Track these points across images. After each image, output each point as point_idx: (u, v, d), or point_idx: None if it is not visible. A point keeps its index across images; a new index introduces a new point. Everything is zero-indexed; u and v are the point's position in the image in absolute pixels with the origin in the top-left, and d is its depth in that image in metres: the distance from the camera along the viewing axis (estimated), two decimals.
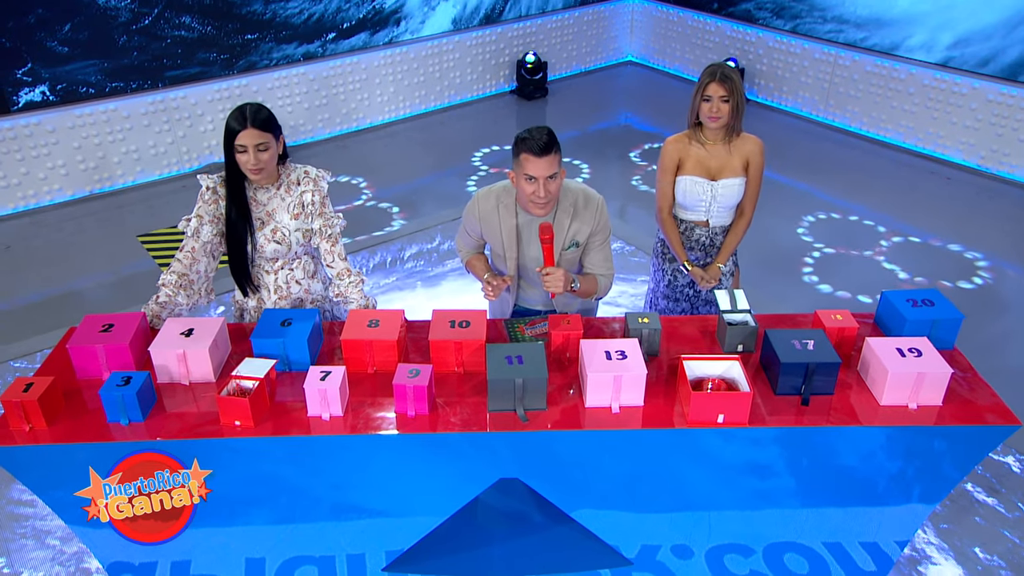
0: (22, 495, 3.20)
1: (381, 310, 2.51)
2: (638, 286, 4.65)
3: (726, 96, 2.91)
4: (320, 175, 2.64)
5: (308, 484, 2.34)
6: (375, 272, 4.86)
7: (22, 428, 2.14)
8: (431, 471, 2.28)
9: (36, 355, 4.06)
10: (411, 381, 2.18)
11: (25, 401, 2.11)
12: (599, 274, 2.73)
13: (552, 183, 2.50)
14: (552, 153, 2.46)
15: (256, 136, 2.43)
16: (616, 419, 2.18)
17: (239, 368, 2.26)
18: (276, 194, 2.61)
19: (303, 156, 6.45)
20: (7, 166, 5.46)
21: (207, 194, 2.58)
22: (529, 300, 2.89)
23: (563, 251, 2.66)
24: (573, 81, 8.18)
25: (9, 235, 5.32)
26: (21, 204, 5.60)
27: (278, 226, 2.60)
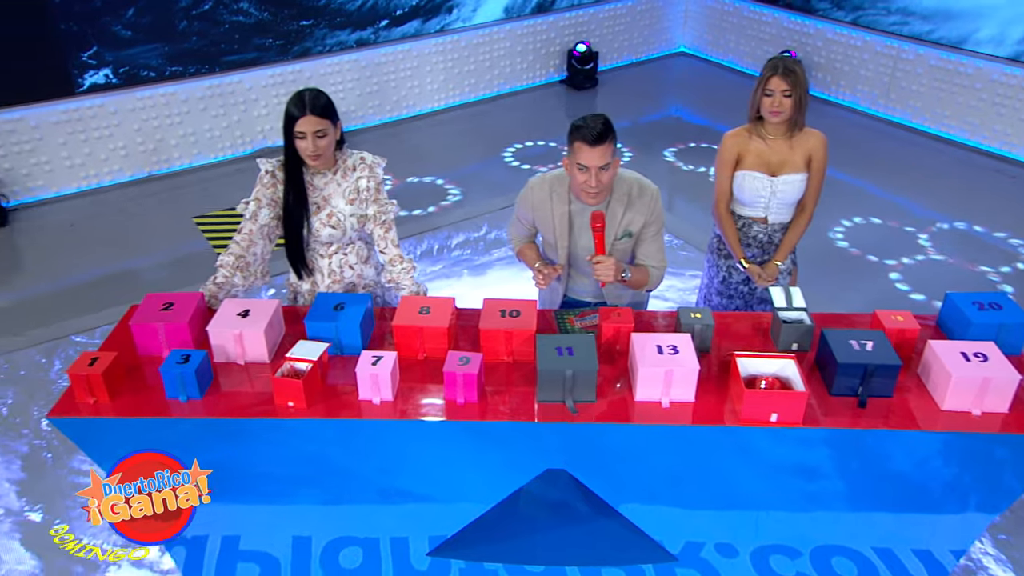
0: (82, 464, 3.33)
1: (432, 297, 2.53)
2: (687, 280, 4.60)
3: (788, 90, 2.85)
4: (376, 161, 2.66)
5: (355, 466, 2.38)
6: (422, 259, 4.90)
7: (87, 401, 2.22)
8: (478, 459, 2.30)
9: (96, 331, 4.19)
10: (461, 369, 2.20)
11: (90, 375, 2.18)
12: (651, 265, 2.70)
13: (604, 173, 2.48)
14: (605, 143, 2.44)
15: (315, 123, 2.46)
16: (666, 414, 2.16)
17: (293, 350, 2.30)
18: (332, 179, 2.64)
19: (353, 143, 6.45)
20: (71, 147, 5.64)
21: (266, 178, 2.63)
22: (579, 290, 2.88)
23: (616, 241, 2.64)
24: (624, 72, 8.09)
25: (73, 214, 5.50)
26: (84, 184, 5.78)
27: (333, 211, 2.63)
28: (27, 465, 3.35)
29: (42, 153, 5.54)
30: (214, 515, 2.48)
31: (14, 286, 4.77)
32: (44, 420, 3.59)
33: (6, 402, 3.72)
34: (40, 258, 5.02)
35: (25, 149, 5.48)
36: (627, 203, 2.61)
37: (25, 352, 4.05)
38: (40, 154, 5.54)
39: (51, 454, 3.41)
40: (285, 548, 2.55)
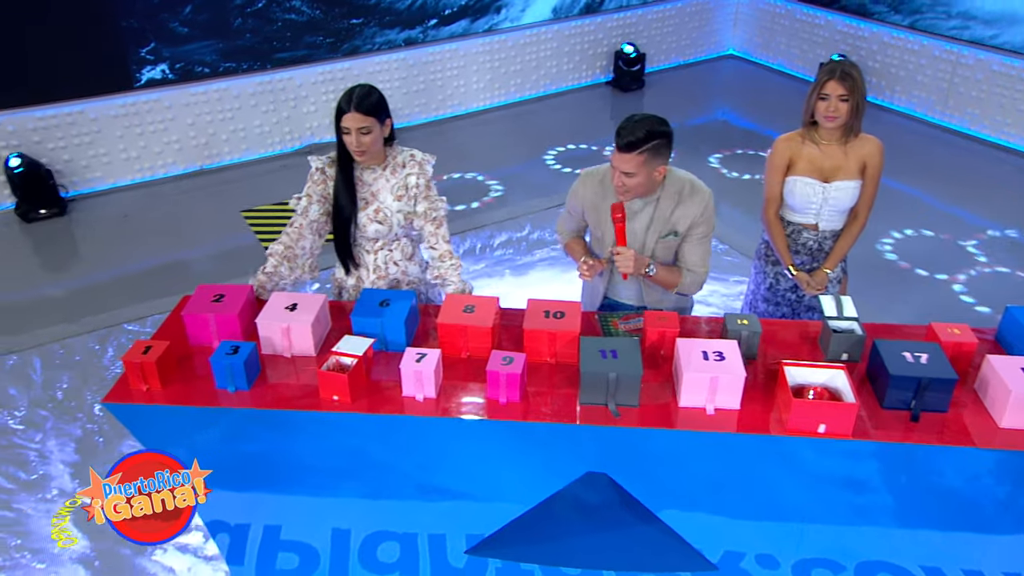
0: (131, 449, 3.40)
1: (476, 296, 2.54)
2: (731, 286, 4.54)
3: (845, 95, 2.79)
4: (425, 159, 2.68)
5: (395, 462, 2.39)
6: (465, 258, 4.92)
7: (140, 388, 2.28)
8: (518, 459, 2.30)
9: (147, 319, 4.30)
10: (504, 368, 2.20)
11: (144, 363, 2.24)
12: (688, 269, 2.65)
13: (629, 179, 2.46)
14: (634, 152, 2.41)
15: (358, 120, 2.48)
16: (710, 421, 2.13)
17: (339, 345, 2.32)
18: (382, 175, 2.66)
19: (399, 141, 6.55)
20: (128, 140, 5.80)
21: (316, 175, 2.66)
22: (619, 291, 2.85)
23: (660, 238, 2.61)
24: (671, 73, 8.02)
25: (127, 205, 5.65)
26: (138, 176, 5.93)
27: (381, 206, 2.65)
28: (80, 448, 3.46)
29: (100, 145, 5.71)
30: (257, 504, 2.54)
31: (72, 273, 4.92)
32: (97, 405, 3.70)
33: (62, 386, 3.84)
34: (95, 247, 5.17)
35: (84, 141, 5.65)
36: (677, 202, 2.58)
37: (80, 339, 4.18)
38: (98, 146, 5.71)
39: (103, 438, 3.51)
40: (325, 540, 2.59)
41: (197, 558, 2.97)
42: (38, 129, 5.48)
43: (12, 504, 3.18)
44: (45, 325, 4.31)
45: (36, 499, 3.21)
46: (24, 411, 3.68)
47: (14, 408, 3.70)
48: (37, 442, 3.50)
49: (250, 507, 2.56)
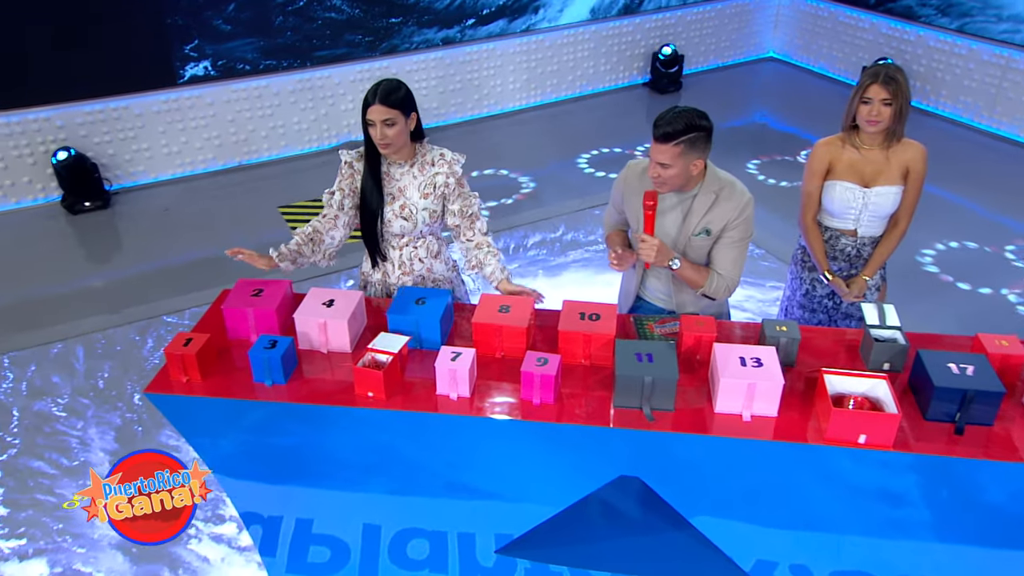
0: (169, 439, 3.49)
1: (511, 296, 2.55)
2: (767, 291, 4.48)
3: (889, 99, 2.73)
4: (455, 158, 2.68)
5: (426, 459, 2.40)
6: None
7: (180, 379, 2.32)
8: (550, 461, 2.29)
9: (185, 312, 4.38)
10: (539, 369, 2.20)
11: (185, 355, 2.28)
12: (717, 272, 2.60)
13: (665, 171, 2.44)
14: (671, 144, 2.39)
15: (382, 112, 2.49)
16: (747, 427, 2.11)
17: (375, 342, 2.34)
18: (409, 171, 2.67)
19: (434, 139, 6.55)
20: (170, 135, 5.91)
21: (345, 169, 2.70)
22: (651, 290, 2.82)
23: (692, 236, 2.57)
24: (709, 76, 7.94)
25: (168, 199, 5.77)
26: (179, 171, 6.05)
27: (407, 203, 2.66)
28: (120, 436, 3.54)
29: (143, 140, 5.83)
30: (290, 497, 2.57)
31: (114, 265, 5.03)
32: (136, 395, 3.78)
33: (103, 375, 3.93)
34: (137, 240, 5.28)
35: (129, 136, 5.77)
36: (713, 201, 2.54)
37: (121, 329, 4.27)
38: (141, 141, 5.83)
39: (141, 428, 3.59)
40: (356, 535, 2.61)
41: (231, 548, 3.02)
42: (85, 124, 5.61)
43: (55, 489, 3.26)
44: (88, 315, 4.41)
45: (77, 485, 3.28)
46: (67, 399, 3.77)
47: (57, 396, 3.79)
48: (79, 429, 3.59)
49: (283, 500, 2.59)
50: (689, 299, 2.73)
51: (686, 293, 2.71)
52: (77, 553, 2.98)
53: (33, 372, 3.95)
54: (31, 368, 3.98)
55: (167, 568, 2.93)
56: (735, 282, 2.62)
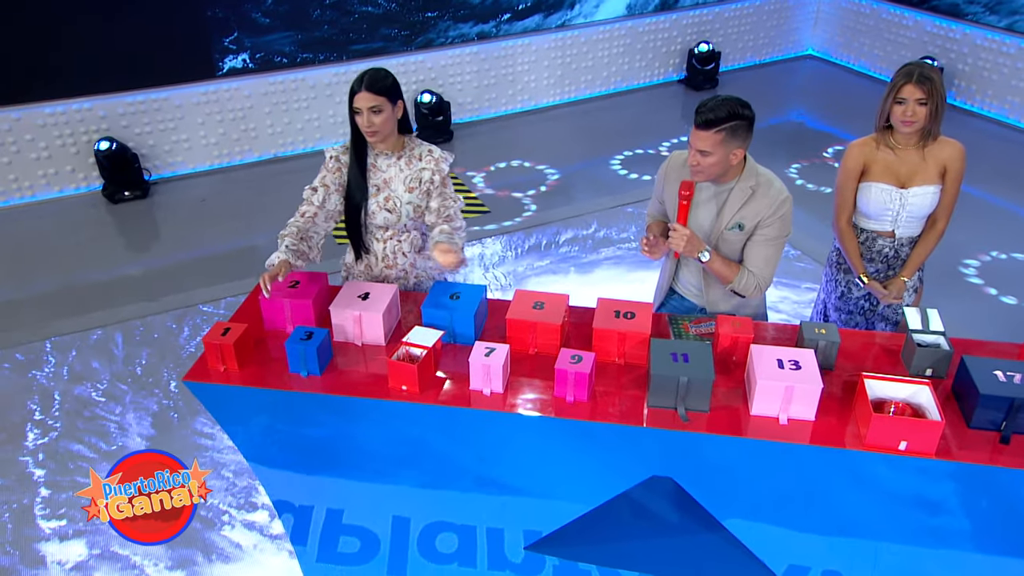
0: (203, 427, 3.54)
1: (546, 293, 2.54)
2: (802, 292, 4.42)
3: (924, 99, 2.66)
4: (443, 156, 2.66)
5: (457, 453, 2.41)
6: (529, 254, 4.93)
7: (218, 368, 2.35)
8: (582, 459, 2.29)
9: (221, 301, 4.44)
10: (573, 367, 2.19)
11: (223, 344, 2.31)
12: (749, 269, 2.55)
13: (704, 159, 2.40)
14: (712, 131, 2.35)
15: (369, 99, 2.48)
16: (783, 431, 2.08)
17: (409, 335, 2.36)
18: (396, 164, 2.65)
19: (467, 134, 6.62)
20: (208, 126, 5.99)
21: (331, 163, 2.67)
22: (684, 283, 2.79)
23: (726, 230, 2.54)
24: (746, 73, 7.84)
25: (205, 189, 5.85)
26: (216, 162, 6.13)
27: (392, 195, 2.64)
28: (156, 423, 3.60)
29: (183, 131, 5.92)
30: (321, 487, 2.60)
31: (152, 254, 5.12)
32: (172, 382, 3.84)
33: (141, 362, 4.00)
34: (175, 229, 5.37)
35: (169, 127, 5.86)
36: (748, 195, 2.50)
37: (159, 317, 4.35)
38: (181, 132, 5.91)
39: (177, 414, 3.65)
40: (385, 526, 2.63)
41: (263, 536, 3.05)
42: (126, 114, 5.71)
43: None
44: (126, 303, 4.49)
45: None
46: (106, 384, 3.85)
47: (97, 381, 3.87)
48: (117, 415, 3.65)
49: (315, 489, 2.61)
50: (719, 295, 2.68)
51: (716, 288, 2.67)
52: (114, 536, 3.04)
53: (74, 357, 4.04)
54: (72, 353, 4.07)
55: (200, 553, 2.98)
56: (767, 281, 2.57)
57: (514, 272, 4.73)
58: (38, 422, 3.62)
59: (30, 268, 4.86)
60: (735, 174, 2.51)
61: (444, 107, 6.44)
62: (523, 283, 4.59)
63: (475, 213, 5.43)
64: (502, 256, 4.91)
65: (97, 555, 2.98)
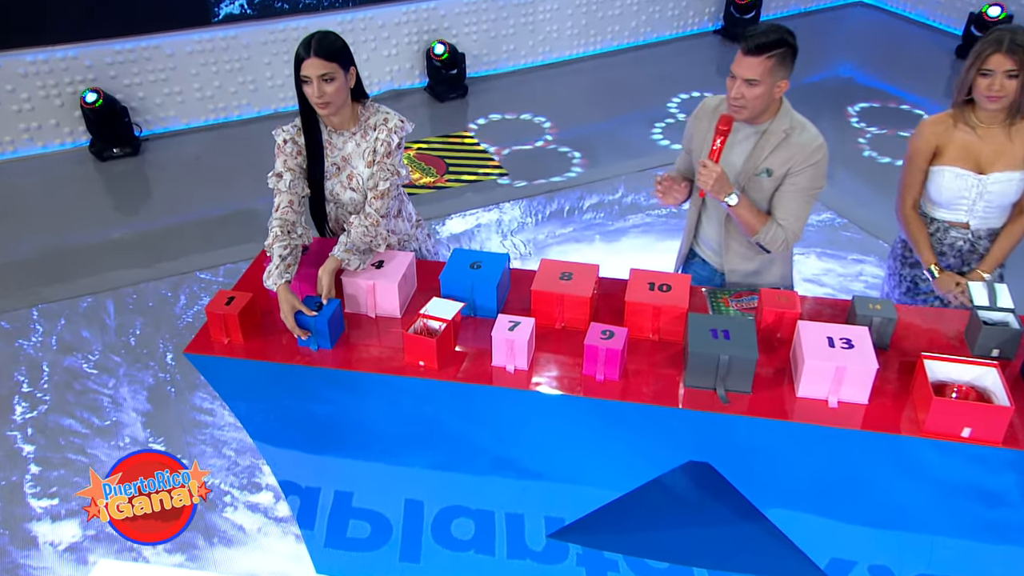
0: (203, 403, 3.59)
1: (575, 263, 2.53)
2: (849, 264, 4.38)
3: (1014, 71, 2.50)
4: (398, 125, 2.57)
5: (476, 434, 2.43)
6: (551, 220, 4.91)
7: (221, 340, 2.37)
8: (612, 442, 2.29)
9: (220, 268, 4.47)
10: (604, 343, 2.19)
11: (227, 314, 2.32)
12: (777, 220, 2.52)
13: (750, 89, 2.37)
14: (761, 57, 2.33)
15: (320, 66, 2.41)
16: (832, 415, 2.07)
17: (427, 307, 2.35)
18: (352, 138, 2.60)
19: (482, 89, 6.57)
20: (203, 78, 5.96)
21: (287, 147, 2.58)
22: (705, 241, 2.77)
23: (754, 175, 2.52)
24: (789, 22, 7.59)
25: (200, 146, 5.85)
26: (212, 117, 6.12)
27: (354, 172, 2.60)
28: (152, 397, 3.65)
29: (175, 83, 5.90)
30: (329, 468, 2.62)
31: (143, 216, 5.15)
32: (169, 354, 3.88)
33: (135, 332, 4.04)
34: (167, 189, 5.39)
35: (160, 78, 5.84)
36: (781, 140, 2.48)
37: (153, 284, 4.38)
38: (173, 84, 5.90)
39: (174, 388, 3.69)
40: (397, 510, 2.66)
41: (267, 518, 3.10)
42: (114, 64, 5.69)
43: (87, 449, 3.38)
44: (118, 268, 4.53)
45: (110, 446, 3.40)
46: (98, 355, 3.89)
47: (88, 352, 3.91)
48: (110, 388, 3.70)
49: (323, 470, 2.64)
50: (739, 255, 2.65)
51: (736, 246, 2.64)
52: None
53: (63, 326, 4.08)
54: (60, 322, 4.11)
55: (201, 536, 3.03)
56: (795, 236, 2.54)
57: (534, 240, 4.72)
58: (26, 395, 3.67)
59: (14, 230, 4.90)
60: (771, 115, 2.49)
61: (458, 59, 6.38)
62: (544, 252, 4.59)
63: (492, 175, 5.41)
64: (521, 222, 4.90)
65: (92, 536, 3.04)
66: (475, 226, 4.88)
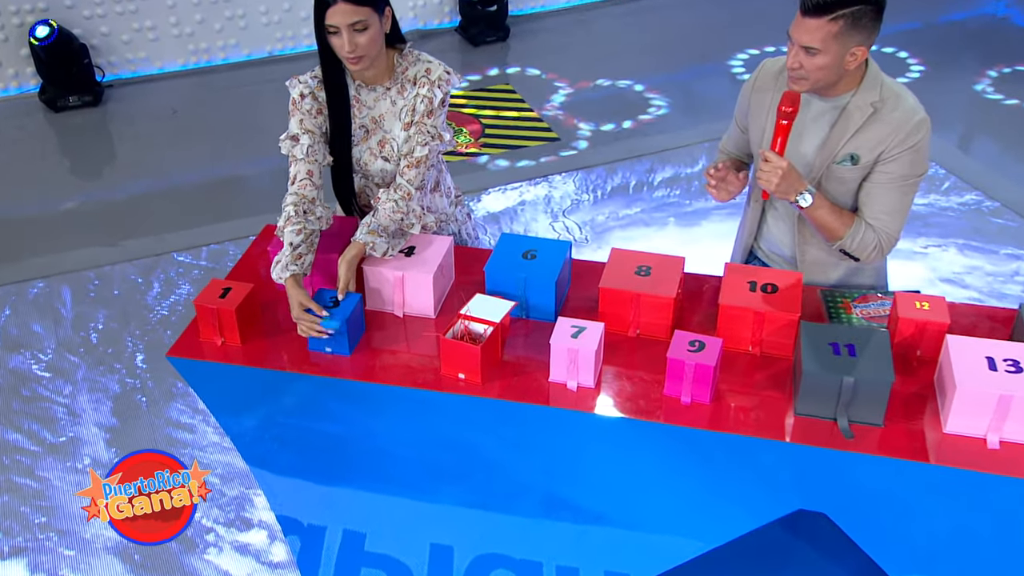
0: (181, 416, 3.63)
1: (653, 254, 2.52)
2: (1001, 261, 4.33)
3: None
4: (443, 77, 2.57)
5: (522, 466, 2.43)
6: (613, 197, 4.91)
7: (213, 341, 2.40)
8: (699, 481, 2.29)
9: (202, 249, 4.52)
10: (693, 357, 2.18)
11: (221, 309, 2.35)
12: (867, 221, 2.47)
13: (809, 58, 2.30)
14: (825, 19, 2.25)
15: (350, 12, 2.39)
16: (992, 458, 2.05)
17: (470, 306, 2.36)
18: (386, 95, 2.60)
19: (528, 30, 6.62)
20: (181, 11, 6.03)
21: (306, 103, 2.58)
22: (771, 242, 2.75)
23: (833, 164, 2.47)
24: None
25: (177, 97, 5.93)
26: (192, 61, 6.20)
27: (387, 137, 2.61)
28: (118, 408, 3.70)
29: (146, 16, 5.97)
30: (339, 502, 2.65)
31: (107, 182, 5.23)
32: (139, 355, 3.94)
33: (96, 327, 4.11)
34: (137, 150, 5.46)
35: (128, 9, 5.92)
36: (868, 116, 2.41)
37: (119, 267, 4.45)
38: (144, 17, 5.97)
39: (146, 398, 3.74)
40: (420, 557, 2.67)
41: (260, 563, 3.13)
42: None
43: (36, 471, 3.44)
44: (76, 246, 4.61)
45: (65, 467, 3.46)
46: (51, 355, 3.96)
47: (39, 350, 3.98)
48: (66, 395, 3.76)
49: (331, 504, 2.66)
50: (817, 259, 2.63)
51: (813, 248, 2.62)
52: (65, 556, 3.15)
53: (7, 317, 4.16)
54: (5, 312, 4.19)
55: None
56: (892, 239, 2.49)
57: (592, 223, 4.72)
58: None
59: None
60: (851, 85, 2.42)
61: None
62: (605, 238, 4.59)
63: (539, 140, 5.41)
64: (575, 200, 4.91)
65: None
66: (518, 204, 4.89)
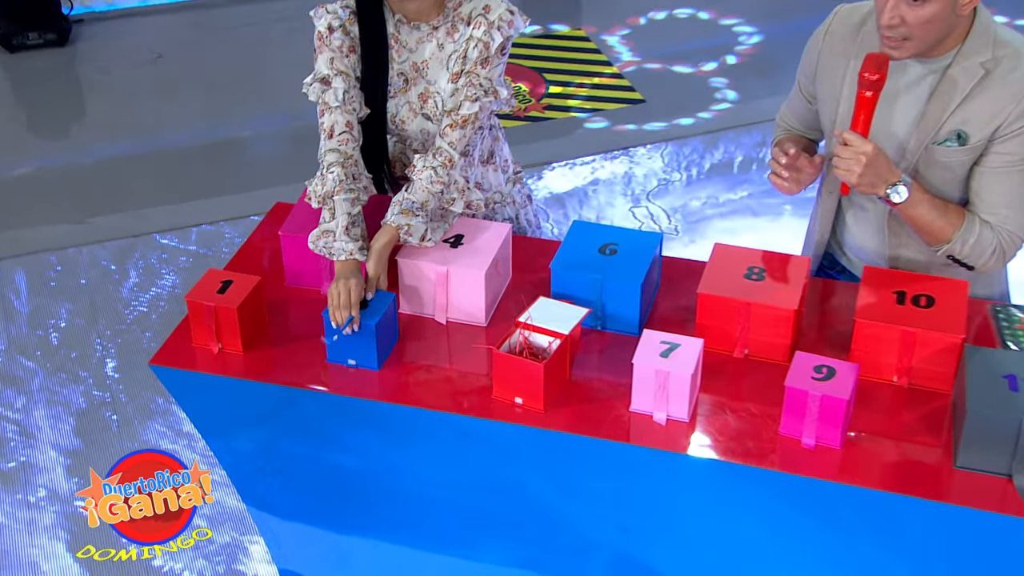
0: (160, 439, 3.66)
1: (769, 252, 2.51)
2: None
3: None
4: (505, 17, 2.55)
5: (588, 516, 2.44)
6: (711, 177, 4.92)
7: (209, 347, 2.41)
8: (823, 547, 2.28)
9: (191, 230, 4.57)
10: (819, 387, 2.16)
11: (220, 308, 2.35)
12: (982, 217, 2.44)
13: (914, 9, 2.25)
14: None
15: None
16: None
17: (531, 313, 2.34)
18: (433, 35, 2.61)
19: None
20: None
21: (335, 38, 2.62)
22: (852, 245, 2.74)
23: (933, 144, 2.44)
24: None
25: (162, 40, 6.01)
26: None
27: (430, 89, 2.63)
28: (82, 427, 3.73)
29: None
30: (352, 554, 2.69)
31: (74, 140, 5.30)
32: (110, 360, 3.97)
33: (57, 324, 4.16)
34: (111, 102, 5.53)
35: None
36: (978, 80, 2.37)
37: (88, 250, 4.50)
38: None
39: (117, 416, 3.77)
40: None
41: None
42: None
43: None
44: (34, 223, 4.67)
45: (14, 500, 3.49)
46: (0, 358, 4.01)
47: None
48: (18, 410, 3.80)
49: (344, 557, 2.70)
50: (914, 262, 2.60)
51: (910, 250, 2.60)
52: None
53: None
54: None
55: None
56: (1018, 238, 2.47)
57: (684, 209, 4.74)
58: None
59: None
60: (956, 40, 2.39)
61: None
62: (700, 228, 4.61)
63: (618, 102, 5.39)
64: (663, 180, 4.91)
65: None
66: (589, 183, 4.91)
